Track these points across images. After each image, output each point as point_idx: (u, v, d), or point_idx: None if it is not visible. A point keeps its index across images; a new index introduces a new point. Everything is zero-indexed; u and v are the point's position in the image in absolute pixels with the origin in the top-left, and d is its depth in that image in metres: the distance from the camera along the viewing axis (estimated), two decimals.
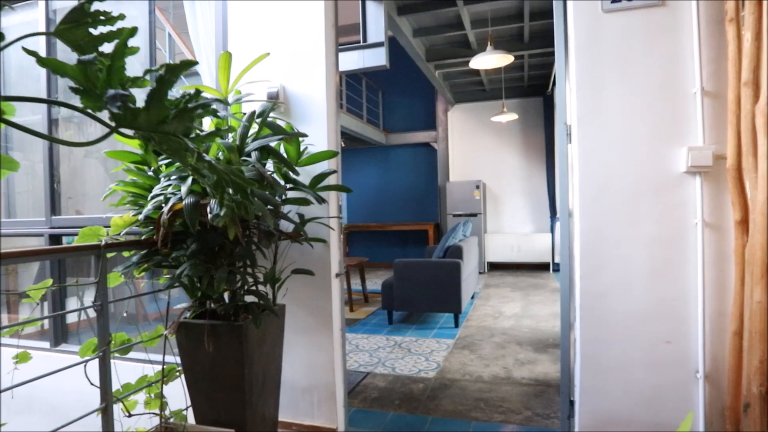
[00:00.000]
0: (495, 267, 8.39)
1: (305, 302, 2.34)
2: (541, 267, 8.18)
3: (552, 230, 7.88)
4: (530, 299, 5.63)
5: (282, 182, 2.09)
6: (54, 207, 3.31)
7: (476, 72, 7.43)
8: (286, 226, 2.17)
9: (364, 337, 4.19)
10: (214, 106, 0.88)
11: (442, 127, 8.60)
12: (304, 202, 2.06)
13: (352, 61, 4.25)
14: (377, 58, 4.19)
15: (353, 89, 8.63)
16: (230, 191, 1.08)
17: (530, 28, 5.70)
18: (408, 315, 4.94)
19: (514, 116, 6.75)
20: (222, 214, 1.39)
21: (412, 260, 4.41)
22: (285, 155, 2.09)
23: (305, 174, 2.20)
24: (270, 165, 2.09)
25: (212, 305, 1.98)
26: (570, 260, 2.20)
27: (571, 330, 2.20)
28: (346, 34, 4.73)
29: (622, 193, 2.00)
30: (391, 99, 9.15)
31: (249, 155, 1.74)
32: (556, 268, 7.91)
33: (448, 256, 4.46)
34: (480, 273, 7.77)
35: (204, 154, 0.95)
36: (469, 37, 5.93)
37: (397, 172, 9.13)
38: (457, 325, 4.40)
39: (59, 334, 3.34)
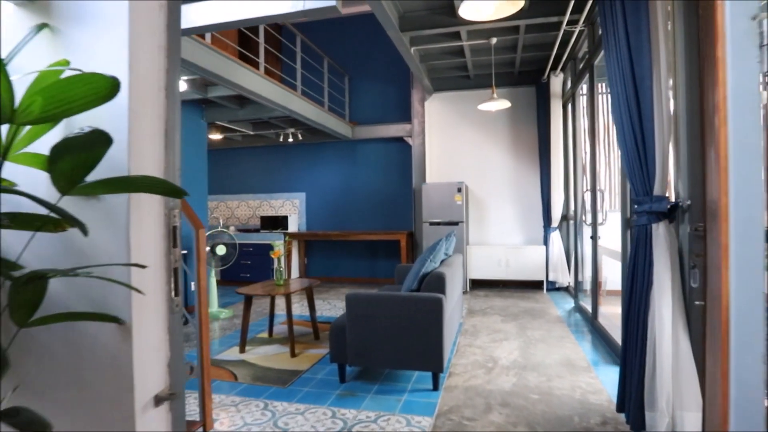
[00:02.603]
0: (478, 284, 7.12)
1: None
2: (532, 285, 6.95)
3: (546, 242, 6.66)
4: (529, 335, 4.36)
5: None
6: None
7: (459, 52, 6.16)
8: None
9: (299, 409, 2.82)
10: None
11: (418, 119, 7.30)
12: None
13: (287, 3, 2.90)
14: None
15: (313, 71, 7.27)
16: None
17: None
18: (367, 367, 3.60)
19: (506, 104, 5.51)
20: None
21: (372, 294, 3.07)
22: None
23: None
24: None
25: None
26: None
27: None
28: None
29: None
30: (360, 85, 7.80)
31: None
32: (551, 287, 6.70)
33: (426, 287, 3.14)
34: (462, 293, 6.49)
35: None
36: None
37: (365, 172, 7.78)
38: (436, 387, 3.08)
39: None
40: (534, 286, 6.94)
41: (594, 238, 4.48)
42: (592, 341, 4.18)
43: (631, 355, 2.44)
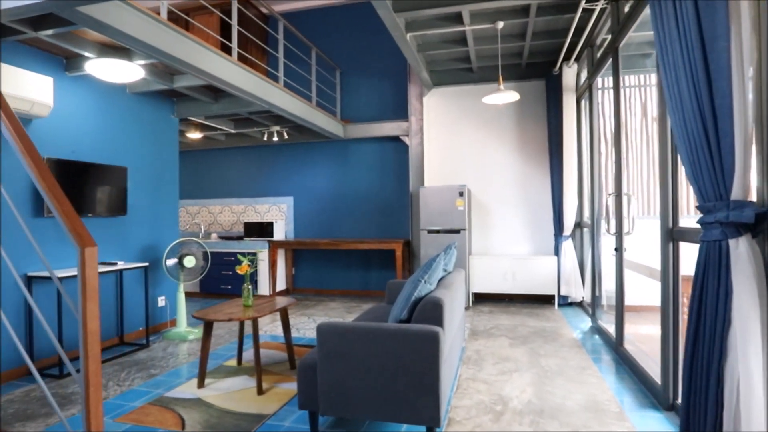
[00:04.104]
0: (482, 298, 6.46)
1: None
2: (542, 299, 6.29)
3: (557, 252, 5.99)
4: (542, 365, 3.70)
5: None
6: None
7: (461, 40, 5.53)
8: None
9: None
10: None
11: (416, 116, 6.67)
12: None
13: None
14: None
15: (300, 63, 6.66)
16: None
17: None
18: None
19: (514, 96, 4.86)
20: None
21: (350, 325, 2.41)
22: None
23: None
24: None
25: None
26: None
27: None
28: None
29: None
30: (352, 80, 7.17)
31: None
32: (563, 302, 6.03)
33: (418, 316, 2.48)
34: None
35: None
36: None
37: (358, 174, 7.13)
38: None
39: None
40: (543, 300, 6.28)
41: (619, 250, 3.82)
42: (619, 373, 3.51)
43: (697, 418, 1.78)
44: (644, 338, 4.65)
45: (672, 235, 2.69)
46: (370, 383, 2.36)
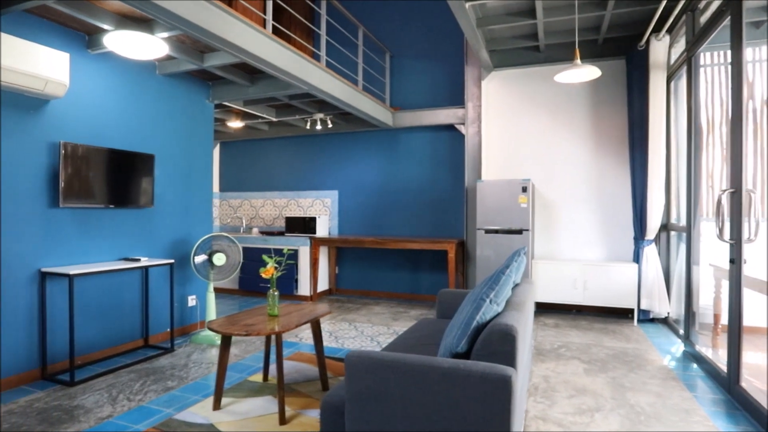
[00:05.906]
0: (544, 308, 5.69)
1: None
2: (616, 312, 5.44)
3: (638, 259, 5.12)
4: (632, 403, 2.95)
5: None
6: None
7: (528, 11, 4.78)
8: None
9: None
10: None
11: (473, 102, 5.97)
12: None
13: None
14: None
15: (346, 43, 6.12)
16: None
17: None
18: None
19: (595, 72, 4.06)
20: None
21: (388, 358, 1.81)
22: None
23: None
24: None
25: None
26: None
27: None
28: None
29: None
30: (403, 63, 6.56)
31: None
32: (644, 317, 5.16)
33: (481, 350, 1.84)
34: None
35: None
36: None
37: (408, 166, 6.52)
38: None
39: None
40: (618, 313, 5.43)
41: (737, 261, 2.99)
42: (738, 422, 2.71)
43: None
44: (753, 369, 3.77)
45: None
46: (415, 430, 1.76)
